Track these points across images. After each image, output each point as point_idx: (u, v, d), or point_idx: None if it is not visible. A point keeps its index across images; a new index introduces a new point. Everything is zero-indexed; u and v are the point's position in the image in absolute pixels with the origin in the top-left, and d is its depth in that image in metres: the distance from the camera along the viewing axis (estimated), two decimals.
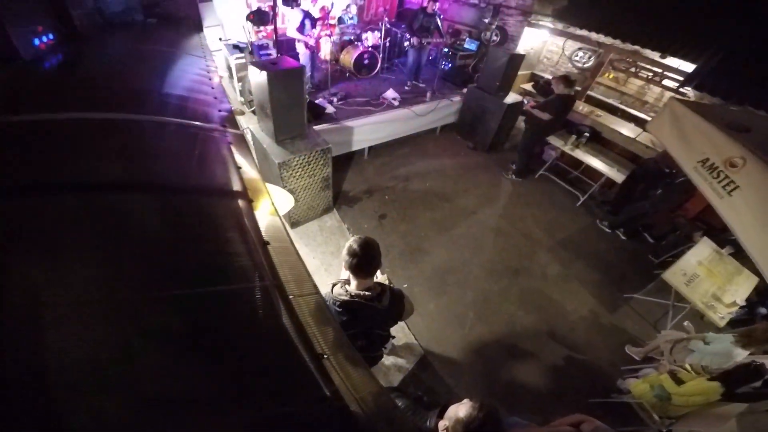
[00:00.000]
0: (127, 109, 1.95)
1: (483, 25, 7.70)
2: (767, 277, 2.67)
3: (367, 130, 5.66)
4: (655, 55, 5.45)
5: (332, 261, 4.20)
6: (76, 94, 2.19)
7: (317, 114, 5.22)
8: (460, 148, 6.92)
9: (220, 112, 2.44)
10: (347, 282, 1.86)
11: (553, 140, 5.80)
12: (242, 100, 5.74)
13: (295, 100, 3.74)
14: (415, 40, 6.38)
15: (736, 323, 3.57)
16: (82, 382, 0.81)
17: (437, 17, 6.41)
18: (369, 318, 1.86)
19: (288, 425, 0.97)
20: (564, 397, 3.33)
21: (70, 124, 1.67)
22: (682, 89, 5.40)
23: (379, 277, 2.12)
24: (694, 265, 3.84)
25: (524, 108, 6.09)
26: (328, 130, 5.05)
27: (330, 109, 5.47)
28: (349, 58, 6.94)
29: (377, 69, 7.28)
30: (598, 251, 4.98)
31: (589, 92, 7.12)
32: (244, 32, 6.03)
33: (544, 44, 7.90)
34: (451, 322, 3.80)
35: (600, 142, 5.87)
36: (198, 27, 5.30)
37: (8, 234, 1.09)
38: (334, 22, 7.39)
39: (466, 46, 7.88)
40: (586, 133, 5.64)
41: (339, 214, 4.93)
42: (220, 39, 6.12)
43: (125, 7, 4.14)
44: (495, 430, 1.20)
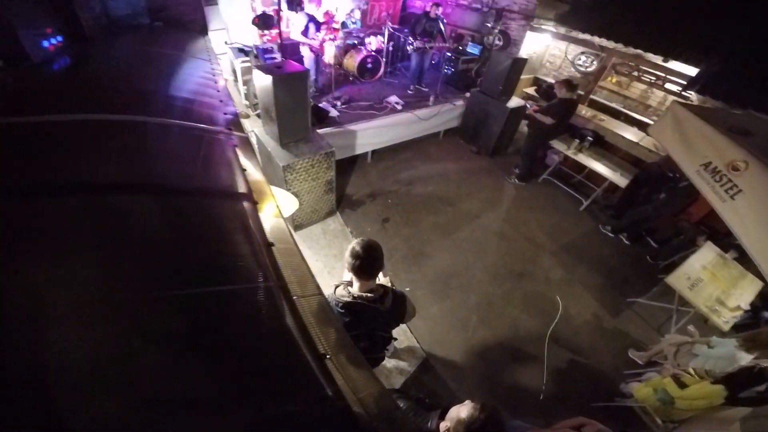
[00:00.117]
0: (134, 111, 1.98)
1: (486, 30, 7.74)
2: None
3: (371, 134, 5.68)
4: (657, 59, 5.45)
5: (335, 264, 4.20)
6: (83, 96, 2.22)
7: (321, 118, 5.26)
8: (463, 153, 6.93)
9: (226, 114, 2.47)
10: (350, 284, 1.87)
11: (556, 144, 5.80)
12: (247, 103, 5.79)
13: (300, 103, 3.77)
14: (418, 44, 6.42)
15: (740, 328, 3.56)
16: (82, 382, 0.81)
17: (440, 22, 6.45)
18: (371, 319, 1.87)
19: (290, 425, 0.98)
20: (566, 400, 3.32)
21: (76, 126, 1.69)
22: (684, 93, 5.39)
23: (381, 280, 2.13)
24: (698, 270, 3.82)
25: (527, 112, 6.10)
26: (332, 133, 5.08)
27: (333, 113, 5.51)
28: (352, 62, 6.99)
29: (380, 73, 7.33)
30: (601, 255, 4.97)
31: (592, 96, 7.13)
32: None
33: (546, 48, 7.93)
34: (453, 326, 3.79)
35: (603, 146, 5.87)
36: (204, 30, 5.35)
37: (11, 233, 1.09)
38: (337, 26, 7.45)
39: (468, 50, 7.91)
40: (589, 137, 5.64)
41: (342, 217, 4.94)
42: (226, 42, 6.18)
43: (132, 10, 4.21)
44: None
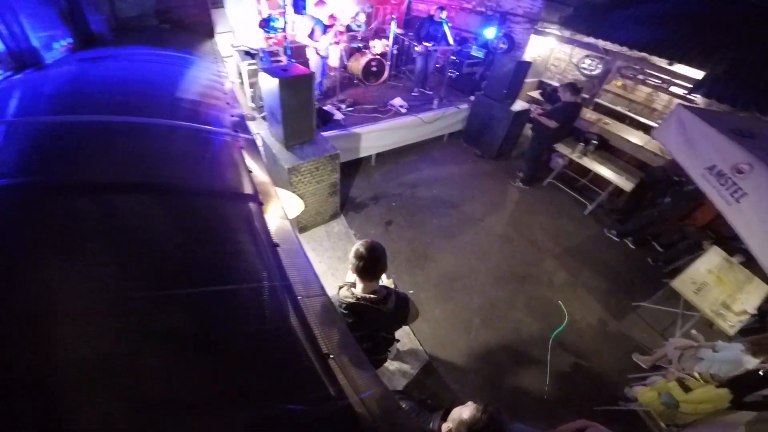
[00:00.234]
0: (143, 113, 2.01)
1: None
2: None
3: (375, 137, 5.70)
4: (662, 63, 5.43)
5: (339, 266, 4.22)
6: (90, 98, 2.25)
7: (326, 120, 5.29)
8: (468, 156, 6.94)
9: (233, 117, 2.50)
10: (353, 285, 1.89)
11: (561, 148, 5.79)
12: (253, 105, 5.82)
13: (305, 106, 3.80)
14: (423, 48, 6.44)
15: (746, 332, 3.52)
16: (83, 382, 0.81)
17: (445, 25, 6.47)
18: (374, 320, 1.89)
19: (293, 424, 0.99)
20: (569, 404, 3.31)
21: (84, 127, 1.72)
22: (690, 96, 5.37)
23: (384, 281, 2.15)
24: (703, 274, 3.79)
25: (530, 115, 6.10)
26: (336, 136, 5.11)
27: (338, 116, 5.55)
28: (357, 65, 7.03)
29: (385, 76, 7.36)
30: (606, 259, 4.94)
31: (596, 99, 7.09)
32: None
33: (551, 52, 7.91)
34: (456, 328, 3.79)
35: (608, 149, 5.85)
36: (210, 33, 5.40)
37: (20, 234, 1.11)
38: (342, 29, 7.49)
39: (473, 53, 7.93)
40: (594, 141, 5.62)
41: (346, 219, 4.96)
42: (232, 45, 6.23)
43: (140, 12, 4.27)
44: None
